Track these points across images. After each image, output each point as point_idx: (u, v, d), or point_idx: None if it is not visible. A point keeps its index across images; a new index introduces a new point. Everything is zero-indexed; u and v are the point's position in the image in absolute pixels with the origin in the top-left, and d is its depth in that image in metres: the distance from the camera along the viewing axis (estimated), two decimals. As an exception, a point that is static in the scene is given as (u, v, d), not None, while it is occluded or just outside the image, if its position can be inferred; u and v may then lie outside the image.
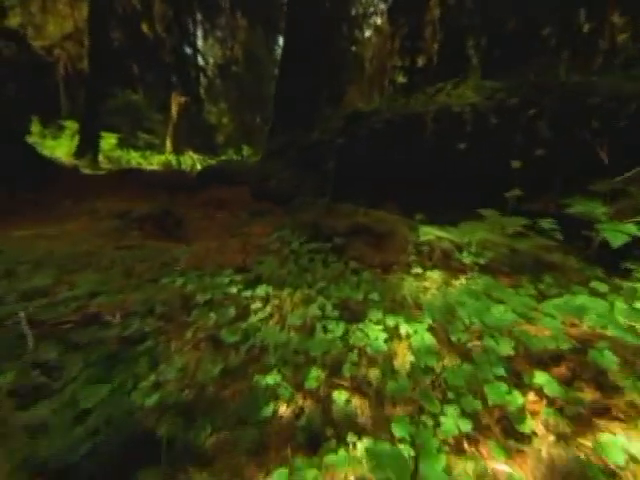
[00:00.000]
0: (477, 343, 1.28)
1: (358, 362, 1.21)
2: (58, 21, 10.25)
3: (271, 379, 1.10)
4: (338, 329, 1.37)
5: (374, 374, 1.15)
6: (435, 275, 2.28)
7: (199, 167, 11.10)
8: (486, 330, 1.32)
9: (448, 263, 2.39)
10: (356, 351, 1.26)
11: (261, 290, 1.65)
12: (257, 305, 1.57)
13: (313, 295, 1.64)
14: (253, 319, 1.47)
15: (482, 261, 2.30)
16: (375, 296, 1.82)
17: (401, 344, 1.29)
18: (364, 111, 3.80)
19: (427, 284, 2.17)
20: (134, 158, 13.82)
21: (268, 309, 1.55)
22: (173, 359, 1.19)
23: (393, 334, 1.36)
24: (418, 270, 2.33)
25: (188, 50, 20.17)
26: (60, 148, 11.72)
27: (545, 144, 2.55)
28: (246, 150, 15.50)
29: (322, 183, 3.34)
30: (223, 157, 15.75)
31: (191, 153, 15.64)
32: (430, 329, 1.34)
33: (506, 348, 1.18)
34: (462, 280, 2.21)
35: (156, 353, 1.20)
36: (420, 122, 3.00)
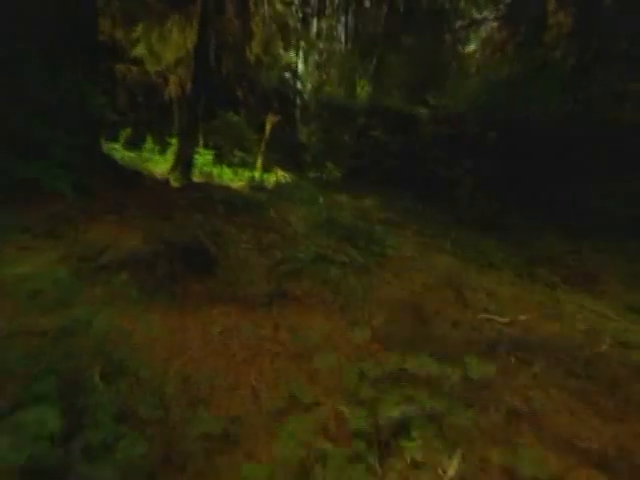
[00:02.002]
0: None
1: None
2: (172, 48, 11.30)
3: None
4: None
5: None
6: None
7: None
8: None
9: None
10: None
11: None
12: None
13: None
14: None
15: None
16: None
17: None
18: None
19: None
20: (226, 174, 14.41)
21: None
22: None
23: None
24: None
25: (287, 75, 21.15)
26: (164, 164, 12.82)
27: None
28: (330, 168, 14.85)
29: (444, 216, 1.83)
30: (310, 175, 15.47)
31: (278, 170, 15.79)
32: None
33: None
34: None
35: None
36: None
